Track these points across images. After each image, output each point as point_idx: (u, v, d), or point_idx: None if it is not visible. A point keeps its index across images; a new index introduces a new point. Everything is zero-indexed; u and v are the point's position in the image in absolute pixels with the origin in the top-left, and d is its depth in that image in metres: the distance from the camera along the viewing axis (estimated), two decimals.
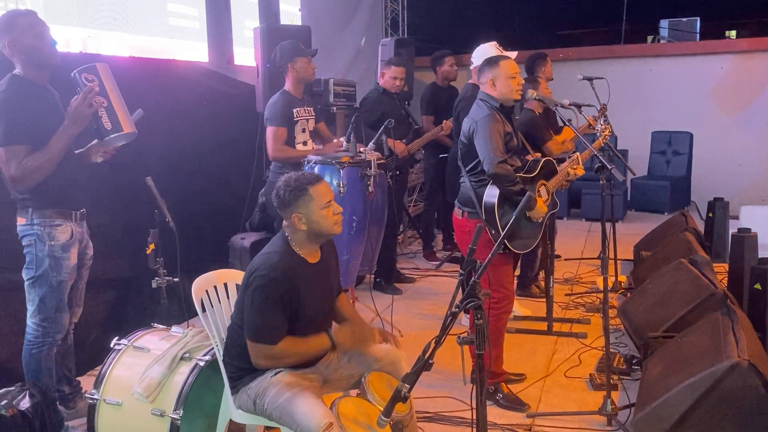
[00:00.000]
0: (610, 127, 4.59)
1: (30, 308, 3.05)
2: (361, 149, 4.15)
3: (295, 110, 4.30)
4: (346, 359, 2.69)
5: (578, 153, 3.97)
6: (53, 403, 3.09)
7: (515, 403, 3.44)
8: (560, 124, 4.93)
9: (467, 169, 3.44)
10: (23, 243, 3.02)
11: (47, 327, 3.04)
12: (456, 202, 3.56)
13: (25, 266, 3.02)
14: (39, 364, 3.06)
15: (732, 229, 4.93)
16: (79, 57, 3.93)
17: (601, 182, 3.31)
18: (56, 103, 3.03)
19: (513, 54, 4.36)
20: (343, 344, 2.59)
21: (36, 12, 2.99)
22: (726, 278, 4.67)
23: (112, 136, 2.98)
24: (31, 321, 3.05)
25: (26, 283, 3.03)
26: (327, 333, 2.58)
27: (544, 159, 3.60)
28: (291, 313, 2.46)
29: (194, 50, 5.21)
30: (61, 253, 3.00)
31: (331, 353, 2.68)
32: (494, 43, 4.37)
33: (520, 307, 4.82)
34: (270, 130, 4.25)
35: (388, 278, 5.49)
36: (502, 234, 2.29)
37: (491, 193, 3.32)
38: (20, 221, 3.00)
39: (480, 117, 3.35)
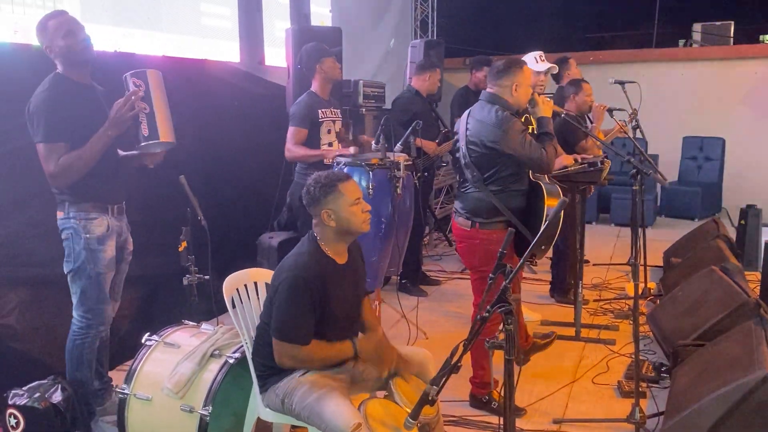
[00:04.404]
0: (627, 126, 4.59)
1: (74, 301, 3.12)
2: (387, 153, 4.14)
3: (320, 111, 4.32)
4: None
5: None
6: (87, 395, 3.15)
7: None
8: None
9: (485, 176, 3.31)
10: (62, 236, 3.07)
11: (90, 319, 3.10)
12: (461, 211, 3.42)
13: (64, 259, 3.09)
14: (81, 355, 3.12)
15: (765, 237, 4.85)
16: (113, 56, 4.00)
17: (633, 188, 3.28)
18: (99, 101, 3.07)
19: (544, 66, 4.35)
20: (365, 355, 2.58)
21: (65, 11, 3.05)
22: (758, 287, 4.59)
23: (147, 143, 2.99)
24: (75, 313, 3.12)
25: (68, 276, 3.10)
26: (352, 341, 2.58)
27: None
28: (319, 313, 2.48)
29: (226, 50, 5.26)
30: (97, 245, 3.05)
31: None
32: (540, 53, 4.32)
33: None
34: (290, 130, 4.28)
35: (413, 280, 5.49)
36: (532, 242, 2.29)
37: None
38: (59, 215, 3.07)
39: (506, 124, 3.22)
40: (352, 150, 4.19)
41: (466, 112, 3.49)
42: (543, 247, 3.43)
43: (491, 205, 3.31)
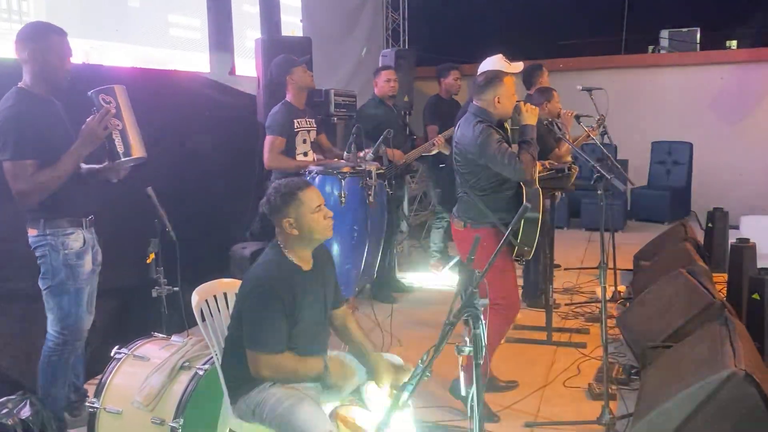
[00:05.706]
0: (596, 132, 4.65)
1: (50, 317, 3.06)
2: (360, 154, 4.19)
3: (296, 121, 4.34)
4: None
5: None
6: (61, 411, 3.11)
7: (486, 414, 3.42)
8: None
9: (471, 182, 3.45)
10: (36, 254, 3.01)
11: (67, 335, 3.05)
12: (455, 213, 3.58)
13: (40, 276, 3.03)
14: (55, 372, 3.08)
15: (732, 239, 4.94)
16: (81, 68, 3.96)
17: (598, 192, 3.33)
18: (60, 115, 3.04)
19: (519, 66, 4.38)
20: (334, 374, 2.55)
21: (67, 33, 3.00)
22: (725, 288, 4.68)
23: (123, 159, 2.99)
24: (51, 330, 3.06)
25: (44, 293, 3.04)
26: (323, 359, 2.55)
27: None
28: (289, 320, 2.47)
29: (196, 61, 5.25)
30: (76, 260, 3.02)
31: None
32: (500, 55, 4.37)
33: None
34: (267, 139, 4.29)
35: (387, 287, 5.49)
36: (507, 232, 2.31)
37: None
38: (31, 232, 3.00)
39: (482, 136, 3.32)
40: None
41: (460, 121, 3.59)
42: (526, 248, 3.47)
43: (479, 207, 3.43)
